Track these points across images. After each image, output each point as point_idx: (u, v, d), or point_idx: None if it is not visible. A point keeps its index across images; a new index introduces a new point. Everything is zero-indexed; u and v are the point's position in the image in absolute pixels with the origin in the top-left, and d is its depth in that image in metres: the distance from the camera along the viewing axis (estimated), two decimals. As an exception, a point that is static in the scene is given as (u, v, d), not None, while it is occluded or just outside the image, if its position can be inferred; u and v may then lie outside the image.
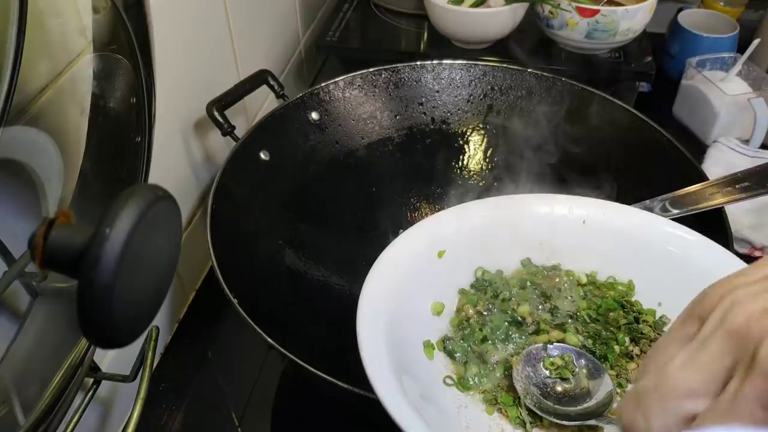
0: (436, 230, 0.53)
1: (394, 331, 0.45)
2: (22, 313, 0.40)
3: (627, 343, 0.50)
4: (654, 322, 0.51)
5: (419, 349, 0.48)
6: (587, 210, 0.55)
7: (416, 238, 0.52)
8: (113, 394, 0.60)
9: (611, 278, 0.54)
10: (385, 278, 0.48)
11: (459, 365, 0.48)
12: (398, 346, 0.45)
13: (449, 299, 0.52)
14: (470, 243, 0.54)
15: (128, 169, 0.43)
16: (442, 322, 0.51)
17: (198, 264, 0.75)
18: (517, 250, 0.55)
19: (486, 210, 0.55)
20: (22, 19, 0.28)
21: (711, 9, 1.05)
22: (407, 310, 0.48)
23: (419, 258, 0.51)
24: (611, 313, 0.51)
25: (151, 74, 0.42)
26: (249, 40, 0.81)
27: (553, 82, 0.76)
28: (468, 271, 0.54)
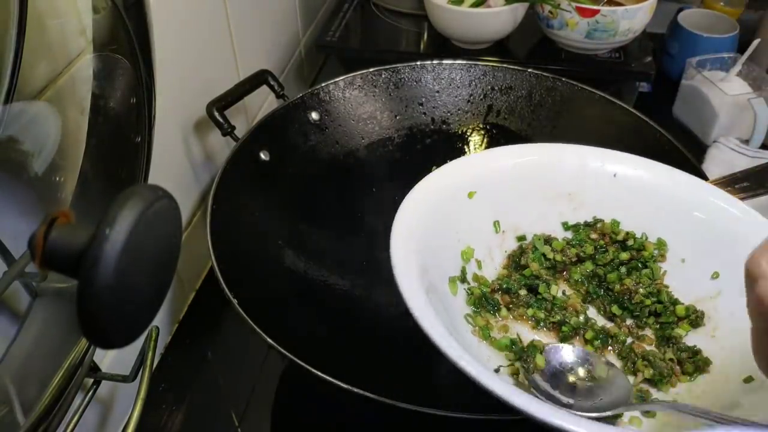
0: (467, 170, 0.54)
1: (426, 250, 0.46)
2: (22, 313, 0.40)
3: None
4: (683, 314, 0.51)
5: (444, 282, 0.49)
6: (620, 164, 0.55)
7: (448, 176, 0.53)
8: (113, 394, 0.60)
9: (644, 235, 0.54)
10: (419, 203, 0.49)
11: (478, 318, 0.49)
12: (427, 269, 0.46)
13: (478, 244, 0.53)
14: (500, 187, 0.54)
15: (128, 169, 0.43)
16: (468, 267, 0.52)
17: (198, 264, 0.75)
18: (545, 199, 0.56)
19: (517, 155, 0.56)
20: (22, 19, 0.28)
21: (711, 9, 1.05)
22: (437, 243, 0.49)
23: (451, 195, 0.52)
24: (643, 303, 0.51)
25: (151, 74, 0.42)
26: (249, 40, 0.81)
27: (553, 82, 0.76)
28: (498, 215, 0.55)
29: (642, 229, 0.55)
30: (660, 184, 0.55)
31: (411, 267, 0.44)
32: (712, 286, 0.51)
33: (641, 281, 0.52)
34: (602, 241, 0.55)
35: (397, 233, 0.46)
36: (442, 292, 0.48)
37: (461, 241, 0.52)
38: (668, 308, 0.51)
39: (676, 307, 0.51)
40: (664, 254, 0.54)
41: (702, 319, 0.50)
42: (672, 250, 0.54)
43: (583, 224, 0.56)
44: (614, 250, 0.54)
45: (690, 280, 0.52)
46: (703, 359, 0.47)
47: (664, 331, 0.50)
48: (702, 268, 0.52)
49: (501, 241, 0.55)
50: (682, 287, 0.52)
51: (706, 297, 0.51)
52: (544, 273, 0.53)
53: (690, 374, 0.47)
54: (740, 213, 0.52)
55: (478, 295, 0.50)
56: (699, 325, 0.50)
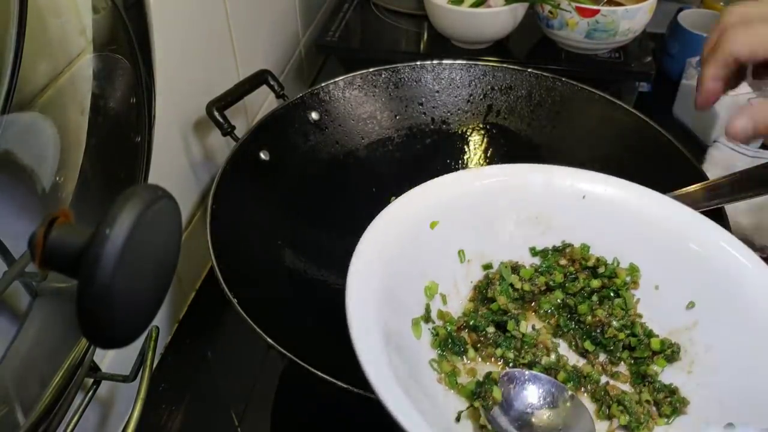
0: (427, 199, 0.50)
1: (384, 302, 0.43)
2: (22, 313, 0.40)
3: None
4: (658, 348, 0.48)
5: (407, 325, 0.46)
6: (588, 184, 0.53)
7: (408, 207, 0.49)
8: (113, 394, 0.60)
9: (616, 260, 0.52)
10: (377, 244, 0.46)
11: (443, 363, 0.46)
12: (388, 315, 0.43)
13: (443, 277, 0.50)
14: (463, 213, 0.51)
15: (128, 169, 0.43)
16: (433, 303, 0.49)
17: (198, 264, 0.75)
18: (511, 223, 0.53)
19: (479, 179, 0.52)
20: (22, 19, 0.28)
21: (711, 9, 1.05)
22: (398, 282, 0.46)
23: (411, 228, 0.49)
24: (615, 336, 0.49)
25: (151, 74, 0.42)
26: (249, 40, 0.81)
27: (553, 82, 0.76)
28: (462, 244, 0.52)
29: (613, 253, 0.52)
30: (631, 205, 0.52)
31: (369, 322, 0.40)
32: (688, 317, 0.48)
33: (614, 312, 0.50)
34: (572, 267, 0.52)
35: (353, 281, 0.42)
36: (404, 339, 0.44)
37: (425, 276, 0.49)
38: (643, 341, 0.48)
39: (651, 341, 0.48)
40: (637, 281, 0.51)
41: (678, 354, 0.47)
42: (645, 276, 0.51)
43: (552, 249, 0.53)
44: (585, 278, 0.51)
45: (664, 310, 0.49)
46: (680, 399, 0.45)
47: (639, 367, 0.48)
48: (677, 295, 0.49)
49: (467, 271, 0.52)
50: (657, 317, 0.50)
51: (681, 328, 0.49)
52: (512, 307, 0.50)
53: (667, 416, 0.45)
54: (715, 236, 0.49)
55: (443, 336, 0.47)
56: (675, 359, 0.47)
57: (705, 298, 0.48)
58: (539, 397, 0.45)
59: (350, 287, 0.42)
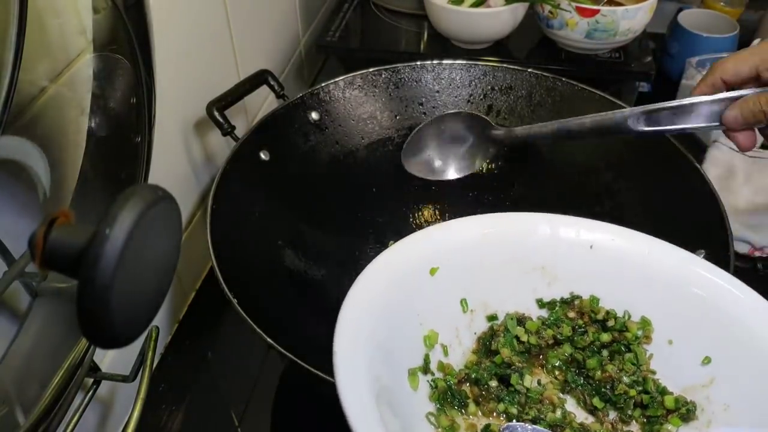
0: (429, 245, 0.48)
1: (376, 352, 0.41)
2: (22, 313, 0.40)
3: None
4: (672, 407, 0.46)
5: (403, 376, 0.44)
6: (596, 234, 0.50)
7: (407, 252, 0.47)
8: (113, 394, 0.60)
9: (627, 313, 0.50)
10: (370, 291, 0.44)
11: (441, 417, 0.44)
12: (380, 368, 0.41)
13: (443, 327, 0.48)
14: (465, 261, 0.49)
15: (128, 168, 0.43)
16: (432, 354, 0.47)
17: (198, 264, 0.75)
18: (517, 273, 0.51)
19: (483, 226, 0.50)
20: (22, 19, 0.28)
21: (711, 9, 1.05)
22: (394, 330, 0.44)
23: (410, 273, 0.47)
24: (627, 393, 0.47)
25: (151, 74, 0.42)
26: (249, 40, 0.81)
27: (553, 82, 0.76)
28: (464, 293, 0.50)
29: (624, 306, 0.50)
30: (641, 255, 0.49)
31: (358, 373, 0.39)
32: (704, 373, 0.46)
33: (625, 368, 0.47)
34: (581, 320, 0.50)
35: (344, 328, 0.40)
36: (399, 392, 0.43)
37: (424, 324, 0.47)
38: (656, 399, 0.46)
39: (665, 398, 0.45)
40: (649, 335, 0.49)
41: (694, 413, 0.45)
42: (658, 330, 0.49)
43: (560, 301, 0.51)
44: (594, 331, 0.49)
45: (679, 366, 0.47)
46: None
47: (652, 427, 0.45)
48: (692, 350, 0.47)
49: (470, 321, 0.50)
50: (671, 373, 0.47)
51: (697, 385, 0.46)
52: (516, 360, 0.48)
53: None
54: (731, 288, 0.47)
55: (443, 389, 0.45)
56: (691, 419, 0.45)
57: (722, 353, 0.46)
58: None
59: (338, 339, 0.40)
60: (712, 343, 0.46)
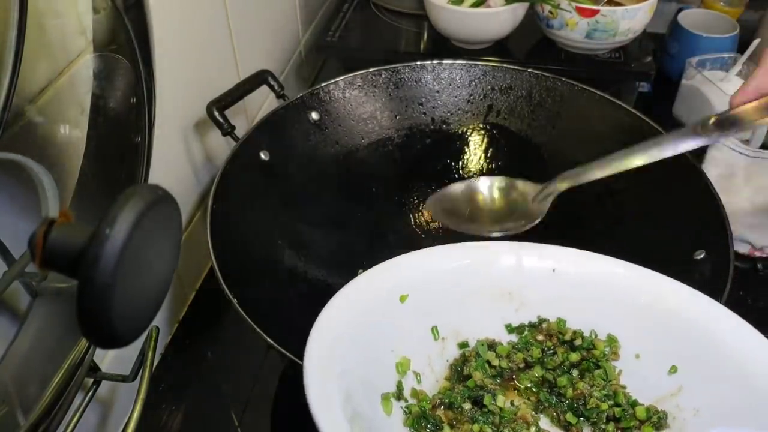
0: (398, 273, 0.50)
1: (348, 377, 0.42)
2: (22, 313, 0.40)
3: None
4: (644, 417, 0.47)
5: (376, 401, 0.45)
6: (557, 258, 0.52)
7: (376, 280, 0.48)
8: (113, 394, 0.60)
9: (593, 333, 0.51)
10: (340, 317, 0.45)
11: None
12: (353, 393, 0.42)
13: (415, 354, 0.49)
14: (434, 290, 0.51)
15: (128, 169, 0.43)
16: (405, 381, 0.48)
17: (198, 264, 0.75)
18: (485, 301, 0.52)
19: (450, 257, 0.52)
20: (23, 19, 0.28)
21: (711, 9, 1.05)
22: (365, 356, 0.45)
23: (380, 301, 0.48)
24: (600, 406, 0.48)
25: (151, 74, 0.42)
26: (249, 40, 0.81)
27: (553, 82, 0.76)
28: (435, 321, 0.51)
29: (590, 325, 0.51)
30: (601, 275, 0.51)
31: (329, 396, 0.40)
32: (672, 382, 0.48)
33: (595, 383, 0.49)
34: (549, 342, 0.51)
35: (313, 354, 0.41)
36: (373, 416, 0.43)
37: (395, 351, 0.48)
38: (627, 411, 0.47)
39: (636, 409, 0.47)
40: (617, 351, 0.51)
41: (665, 420, 0.46)
42: (624, 347, 0.50)
43: (528, 325, 0.52)
44: (563, 352, 0.51)
45: (647, 378, 0.49)
46: None
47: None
48: (658, 362, 0.49)
49: (441, 349, 0.51)
50: (640, 386, 0.49)
51: (666, 395, 0.48)
52: (489, 382, 0.49)
53: None
54: (690, 298, 0.49)
55: (417, 414, 0.46)
56: (663, 427, 0.46)
57: (686, 362, 0.48)
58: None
59: (309, 361, 0.41)
60: (677, 353, 0.48)
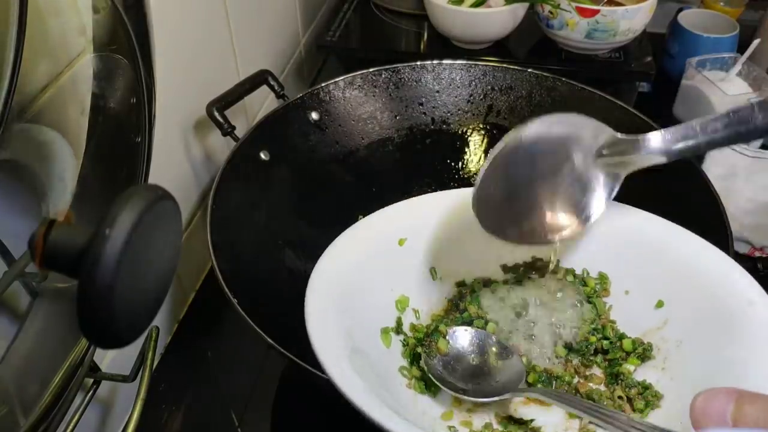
0: (396, 219, 0.52)
1: (350, 315, 0.44)
2: (22, 313, 0.40)
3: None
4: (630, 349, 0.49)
5: (376, 336, 0.47)
6: None
7: (375, 225, 0.51)
8: (113, 394, 0.60)
9: (585, 271, 0.53)
10: (340, 258, 0.47)
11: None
12: (354, 330, 0.43)
13: (414, 293, 0.51)
14: (432, 232, 0.52)
15: (128, 169, 0.43)
16: (405, 317, 0.50)
17: (198, 264, 0.75)
18: (480, 242, 0.52)
19: (445, 200, 0.54)
20: (22, 19, 0.28)
21: (711, 9, 1.05)
22: (365, 294, 0.47)
23: (379, 243, 0.50)
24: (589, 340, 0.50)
25: (151, 74, 0.42)
26: (249, 40, 0.81)
27: (553, 82, 0.76)
28: (433, 262, 0.53)
29: (582, 264, 0.53)
30: None
31: (331, 331, 0.42)
32: (658, 316, 0.49)
33: (585, 317, 0.50)
34: (542, 280, 0.53)
35: (315, 293, 0.43)
36: (372, 348, 0.46)
37: (395, 290, 0.50)
38: (615, 344, 0.49)
39: (623, 342, 0.49)
40: (607, 288, 0.52)
41: (650, 352, 0.48)
42: (615, 283, 0.52)
43: (522, 264, 0.54)
44: (555, 289, 0.52)
45: (636, 313, 0.50)
46: (653, 393, 0.46)
47: (612, 368, 0.49)
48: (646, 297, 0.50)
49: (439, 287, 0.53)
50: (629, 321, 0.51)
51: (653, 328, 0.49)
52: (482, 314, 0.51)
53: (641, 410, 0.45)
54: (678, 234, 0.50)
55: (413, 345, 0.48)
56: (648, 358, 0.48)
57: (673, 295, 0.49)
58: (472, 344, 0.48)
59: (310, 299, 0.43)
60: (664, 288, 0.50)
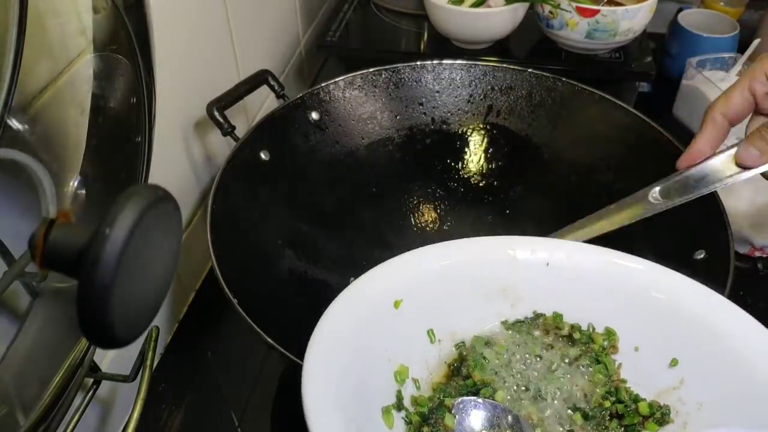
0: (389, 278, 0.49)
1: (348, 395, 0.41)
2: (22, 313, 0.40)
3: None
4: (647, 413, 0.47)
5: (377, 415, 0.44)
6: (549, 251, 0.51)
7: (369, 287, 0.47)
8: (113, 394, 0.60)
9: (591, 326, 0.50)
10: (335, 332, 0.44)
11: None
12: (353, 410, 0.41)
13: (413, 360, 0.48)
14: (428, 291, 0.49)
15: (128, 169, 0.43)
16: (404, 390, 0.46)
17: (198, 264, 0.75)
18: (480, 298, 0.51)
19: (441, 256, 0.51)
20: (23, 19, 0.28)
21: (711, 9, 1.05)
22: (363, 369, 0.44)
23: (374, 309, 0.47)
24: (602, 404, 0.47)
25: (151, 74, 0.42)
26: (249, 40, 0.81)
27: (553, 82, 0.76)
28: (431, 323, 0.50)
29: (587, 319, 0.50)
30: (596, 266, 0.50)
31: (331, 417, 0.39)
32: (673, 375, 0.47)
33: (596, 379, 0.48)
34: (546, 337, 0.50)
35: (312, 371, 0.40)
36: (375, 430, 0.42)
37: (392, 360, 0.47)
38: (630, 407, 0.46)
39: (639, 405, 0.46)
40: (615, 344, 0.50)
41: (668, 416, 0.46)
42: (623, 339, 0.49)
43: (524, 321, 0.51)
44: (561, 347, 0.50)
45: (648, 371, 0.48)
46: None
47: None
48: (659, 354, 0.48)
49: (438, 351, 0.50)
50: (641, 380, 0.48)
51: (668, 388, 0.47)
52: (489, 380, 0.48)
53: None
54: (690, 288, 0.48)
55: (417, 423, 0.44)
56: (666, 422, 0.45)
57: (688, 353, 0.47)
58: (482, 418, 0.44)
59: (307, 383, 0.40)
60: (678, 345, 0.47)
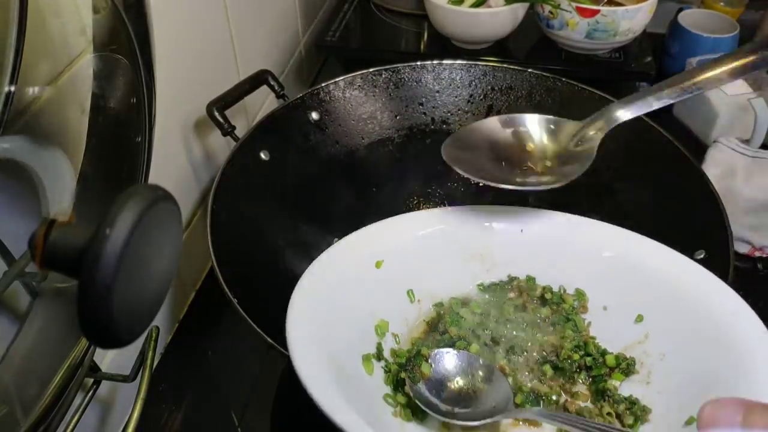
0: (372, 241, 0.52)
1: (331, 342, 0.44)
2: (22, 313, 0.40)
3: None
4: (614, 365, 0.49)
5: (359, 362, 0.47)
6: (523, 219, 0.55)
7: (352, 248, 0.51)
8: (113, 394, 0.60)
9: (562, 288, 0.53)
10: (319, 285, 0.47)
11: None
12: (337, 356, 0.43)
13: (393, 317, 0.51)
14: (408, 254, 0.53)
15: (128, 169, 0.43)
16: (384, 342, 0.50)
17: (198, 264, 0.75)
18: (457, 261, 0.54)
19: (421, 222, 0.55)
20: (23, 19, 0.28)
21: (711, 9, 1.05)
22: (345, 322, 0.47)
23: (355, 267, 0.50)
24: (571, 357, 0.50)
25: (151, 74, 0.42)
26: (249, 40, 0.81)
27: (553, 82, 0.76)
28: (410, 284, 0.53)
29: (558, 281, 0.54)
30: (566, 232, 0.54)
31: (314, 359, 0.42)
32: (638, 330, 0.50)
33: (565, 335, 0.51)
34: (520, 299, 0.53)
35: (295, 321, 0.43)
36: (356, 375, 0.46)
37: (374, 314, 0.50)
38: (598, 360, 0.49)
39: (606, 358, 0.49)
40: (585, 305, 0.53)
41: (634, 366, 0.49)
42: (592, 300, 0.53)
43: (499, 283, 0.55)
44: (534, 308, 0.53)
45: (615, 328, 0.51)
46: (641, 408, 0.46)
47: (597, 385, 0.48)
48: (625, 313, 0.51)
49: (417, 310, 0.53)
50: (609, 336, 0.51)
51: (634, 342, 0.50)
52: (464, 335, 0.50)
53: (631, 426, 0.45)
54: (652, 248, 0.51)
55: (396, 371, 0.48)
56: (632, 372, 0.49)
57: (652, 309, 0.50)
58: (461, 367, 0.47)
59: (291, 326, 0.43)
60: (643, 302, 0.50)
